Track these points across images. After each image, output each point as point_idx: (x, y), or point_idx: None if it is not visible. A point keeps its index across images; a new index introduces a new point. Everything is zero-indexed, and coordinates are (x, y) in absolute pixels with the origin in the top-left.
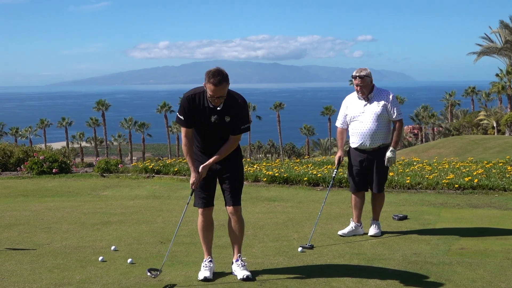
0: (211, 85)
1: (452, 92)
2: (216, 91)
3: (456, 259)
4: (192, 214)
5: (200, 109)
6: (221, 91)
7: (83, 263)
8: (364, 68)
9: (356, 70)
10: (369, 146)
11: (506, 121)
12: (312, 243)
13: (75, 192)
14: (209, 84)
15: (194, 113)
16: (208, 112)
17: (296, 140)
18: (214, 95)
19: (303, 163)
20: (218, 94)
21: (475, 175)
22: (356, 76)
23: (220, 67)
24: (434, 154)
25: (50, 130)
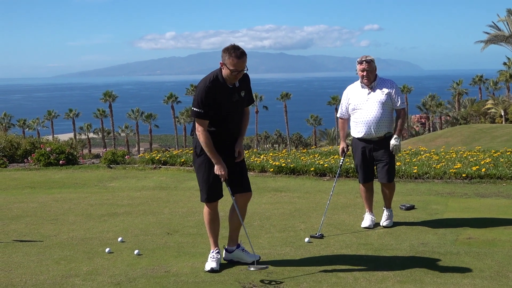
0: (234, 58)
1: (460, 81)
2: (238, 64)
3: (464, 249)
4: (199, 205)
5: (222, 93)
6: (243, 64)
7: (90, 254)
8: (368, 55)
9: (362, 56)
10: (375, 135)
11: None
12: (321, 233)
13: (82, 184)
14: (232, 58)
15: (216, 100)
16: (229, 93)
17: (303, 130)
18: (237, 69)
19: (310, 153)
20: (241, 67)
21: (482, 164)
22: (363, 61)
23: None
24: (441, 143)
25: (58, 122)
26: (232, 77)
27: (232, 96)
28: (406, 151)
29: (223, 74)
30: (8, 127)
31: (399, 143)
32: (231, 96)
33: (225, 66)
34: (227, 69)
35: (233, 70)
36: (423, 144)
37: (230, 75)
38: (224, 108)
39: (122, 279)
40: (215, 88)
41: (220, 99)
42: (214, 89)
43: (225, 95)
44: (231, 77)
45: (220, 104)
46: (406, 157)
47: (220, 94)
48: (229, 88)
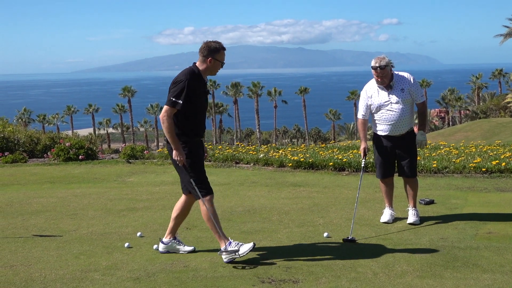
0: (224, 51)
1: (479, 75)
2: (225, 57)
3: (484, 244)
4: (218, 200)
5: (200, 87)
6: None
7: (109, 249)
8: (382, 57)
9: (375, 60)
10: (398, 133)
11: None
12: (353, 236)
13: (101, 179)
14: (222, 51)
15: (196, 92)
16: (204, 87)
17: (322, 124)
18: (224, 61)
19: (329, 148)
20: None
21: (502, 158)
22: (377, 67)
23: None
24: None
25: (77, 117)
26: (218, 69)
27: (206, 90)
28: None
29: (206, 68)
30: (28, 122)
31: (425, 138)
32: (205, 89)
33: (214, 60)
34: (218, 62)
35: (222, 63)
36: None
37: (217, 68)
38: (200, 101)
39: (141, 274)
40: (196, 81)
41: (198, 92)
42: (195, 82)
43: (201, 89)
44: (217, 69)
45: (198, 98)
46: (426, 152)
47: (199, 87)
48: (204, 83)
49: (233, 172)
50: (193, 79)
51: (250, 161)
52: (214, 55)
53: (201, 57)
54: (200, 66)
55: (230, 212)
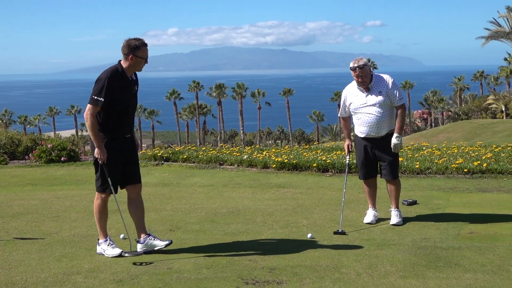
0: (145, 48)
1: (461, 77)
2: (147, 51)
3: (466, 244)
4: (202, 202)
5: (124, 85)
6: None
7: (92, 251)
8: (360, 58)
9: (353, 61)
10: (377, 135)
11: None
12: (343, 229)
13: (84, 180)
14: (143, 47)
15: (118, 90)
16: (129, 86)
17: (306, 126)
18: (147, 56)
19: (313, 149)
20: (148, 54)
21: (484, 159)
22: (356, 67)
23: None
24: (443, 138)
25: (59, 118)
26: (142, 66)
27: (131, 88)
28: (408, 147)
29: (130, 65)
30: (9, 123)
31: (400, 141)
32: (131, 88)
33: (136, 57)
34: (141, 58)
35: (146, 57)
36: (425, 140)
37: (141, 65)
38: (126, 99)
39: (124, 276)
40: (118, 79)
41: (122, 90)
42: (117, 80)
43: (126, 87)
44: (141, 66)
45: (122, 95)
46: (408, 153)
47: (122, 85)
48: (129, 80)
49: (217, 174)
50: (114, 77)
51: (234, 163)
52: (135, 52)
53: (123, 55)
54: (124, 64)
55: (214, 213)
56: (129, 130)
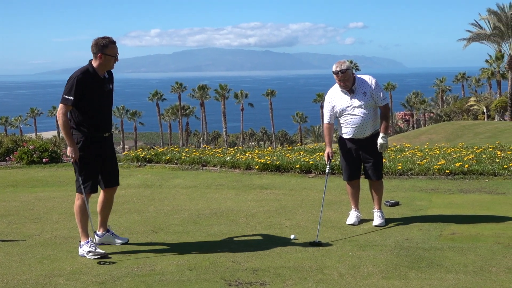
0: (114, 45)
1: (443, 78)
2: (116, 49)
3: (448, 244)
4: (185, 203)
5: (95, 84)
6: (117, 49)
7: (74, 253)
8: (342, 61)
9: (336, 65)
10: (361, 136)
11: (496, 106)
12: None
13: (66, 182)
14: (111, 45)
15: (89, 88)
16: (101, 84)
17: (289, 127)
18: (117, 54)
19: (295, 150)
20: (117, 51)
21: (465, 160)
22: (338, 72)
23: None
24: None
25: (41, 119)
26: (112, 63)
27: (104, 87)
28: (390, 148)
29: (100, 64)
30: None
31: (386, 141)
32: (103, 86)
33: (105, 55)
34: (110, 56)
35: (116, 55)
36: (407, 141)
37: (111, 62)
38: (97, 98)
39: (107, 278)
40: (88, 78)
41: (93, 89)
42: (86, 79)
43: (97, 86)
44: (112, 63)
45: (94, 94)
46: (391, 154)
47: (93, 84)
48: (101, 79)
49: (200, 175)
50: (84, 76)
51: (217, 164)
52: (104, 51)
53: (93, 54)
54: (94, 63)
55: (197, 215)
56: (107, 129)
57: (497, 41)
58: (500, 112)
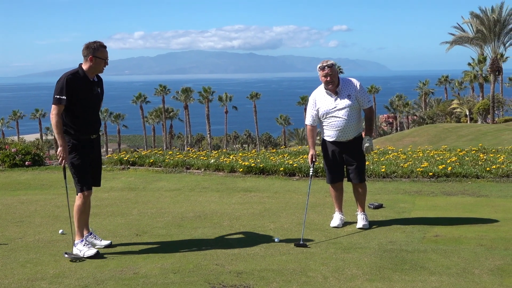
0: (104, 49)
1: (426, 81)
2: (107, 53)
3: (431, 247)
4: (168, 206)
5: (84, 86)
6: (107, 54)
7: (57, 257)
8: (327, 60)
9: (321, 62)
10: (345, 139)
11: (478, 109)
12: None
13: (49, 185)
14: (102, 49)
15: (78, 90)
16: (90, 86)
17: (273, 130)
18: (107, 57)
19: (279, 153)
20: (108, 56)
21: (448, 163)
22: (325, 66)
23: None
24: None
25: (23, 122)
26: (102, 66)
27: (92, 89)
28: (374, 151)
29: (90, 67)
30: None
31: (371, 143)
32: (91, 88)
33: (95, 58)
34: (100, 59)
35: (106, 58)
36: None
37: (101, 65)
38: (86, 100)
39: (90, 281)
40: (76, 80)
41: (82, 91)
42: (75, 81)
43: (86, 88)
44: (101, 67)
45: (82, 95)
46: (374, 157)
47: (82, 86)
48: (90, 81)
49: (184, 178)
50: (73, 78)
51: (201, 167)
52: (94, 53)
53: (84, 57)
54: (84, 66)
55: (181, 217)
56: (94, 131)
57: (480, 44)
58: (482, 115)
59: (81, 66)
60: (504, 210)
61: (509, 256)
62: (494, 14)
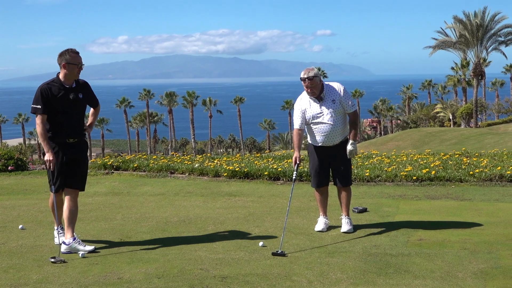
0: (73, 53)
1: (410, 86)
2: (79, 58)
3: (415, 250)
4: (153, 211)
5: (59, 92)
6: (81, 59)
7: (40, 262)
8: (311, 68)
9: (304, 71)
10: (331, 144)
11: (461, 113)
12: (283, 250)
13: (32, 190)
14: (73, 54)
15: (53, 98)
16: (65, 92)
17: (257, 134)
18: (80, 62)
19: (264, 157)
20: (81, 60)
21: (432, 167)
22: (305, 79)
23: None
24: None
25: (6, 127)
26: (76, 71)
27: (68, 94)
28: (358, 155)
29: (65, 74)
30: None
31: (355, 147)
32: (67, 94)
33: (68, 64)
34: (73, 64)
35: (78, 63)
36: (375, 148)
37: (75, 70)
38: (61, 104)
39: (74, 286)
40: (52, 88)
41: (58, 97)
42: (50, 89)
43: (62, 94)
44: (75, 72)
45: (58, 102)
46: (358, 161)
47: (57, 92)
48: (66, 88)
49: (168, 182)
50: (48, 86)
51: (185, 171)
52: (66, 60)
53: (59, 65)
54: (60, 74)
55: (165, 222)
56: (72, 135)
57: (463, 49)
58: (466, 119)
59: (58, 74)
60: (487, 214)
61: (493, 259)
62: (477, 19)
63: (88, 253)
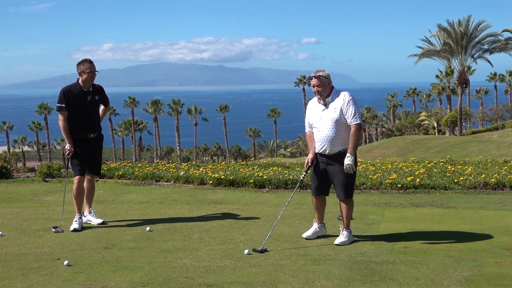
0: (87, 63)
1: (394, 94)
2: (93, 67)
3: (400, 258)
4: (138, 219)
5: (78, 94)
6: (95, 66)
7: (25, 271)
8: (322, 69)
9: (314, 72)
10: (328, 152)
11: (446, 121)
12: (265, 247)
13: (16, 198)
14: (86, 63)
15: (73, 99)
16: (83, 95)
17: (242, 142)
18: (92, 70)
19: (249, 165)
20: (94, 68)
21: (417, 174)
22: (312, 77)
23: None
24: (377, 154)
25: None
26: (89, 77)
27: (86, 97)
28: None
29: (82, 80)
30: None
31: (352, 162)
32: (85, 96)
33: (82, 72)
34: (85, 73)
35: (90, 71)
36: (360, 155)
37: (88, 77)
38: (80, 106)
39: None
40: (72, 90)
41: (76, 99)
42: (71, 91)
43: (80, 96)
44: (89, 78)
45: (76, 103)
46: None
47: (77, 94)
48: (83, 91)
49: (153, 190)
50: (70, 88)
51: (171, 179)
52: (81, 69)
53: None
54: (80, 79)
55: (150, 230)
56: (91, 131)
57: (447, 57)
58: (450, 127)
59: (78, 80)
60: (472, 221)
61: (477, 267)
62: (461, 27)
63: (97, 224)
